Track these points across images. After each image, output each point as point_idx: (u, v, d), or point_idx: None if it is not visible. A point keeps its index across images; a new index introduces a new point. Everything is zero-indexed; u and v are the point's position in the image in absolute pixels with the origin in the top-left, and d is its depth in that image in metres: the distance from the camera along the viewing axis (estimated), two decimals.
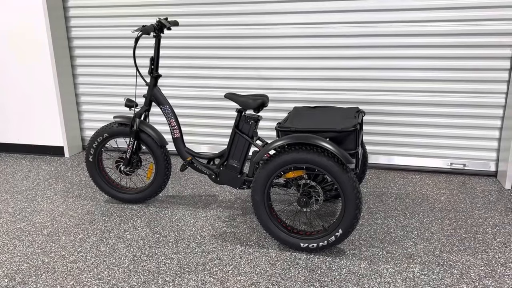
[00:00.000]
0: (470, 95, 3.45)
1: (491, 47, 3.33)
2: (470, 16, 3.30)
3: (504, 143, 3.38)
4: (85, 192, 3.38)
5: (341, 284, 2.18)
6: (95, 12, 4.07)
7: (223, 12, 3.77)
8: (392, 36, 3.48)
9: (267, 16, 3.68)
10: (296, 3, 3.59)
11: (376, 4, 3.43)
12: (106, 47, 4.15)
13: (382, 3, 3.41)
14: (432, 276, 2.23)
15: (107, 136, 3.01)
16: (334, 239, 2.38)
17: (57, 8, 4.01)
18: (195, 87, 4.03)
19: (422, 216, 2.88)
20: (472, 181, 3.47)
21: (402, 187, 3.38)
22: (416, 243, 2.54)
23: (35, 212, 3.07)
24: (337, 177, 2.28)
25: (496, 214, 2.89)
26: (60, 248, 2.58)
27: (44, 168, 3.96)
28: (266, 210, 2.47)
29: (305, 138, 2.31)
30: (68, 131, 4.24)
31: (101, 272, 2.33)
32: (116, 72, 4.19)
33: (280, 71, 3.79)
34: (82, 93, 4.34)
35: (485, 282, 2.18)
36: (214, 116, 4.07)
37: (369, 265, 2.33)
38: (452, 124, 3.54)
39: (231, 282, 2.22)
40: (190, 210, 3.05)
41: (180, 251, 2.52)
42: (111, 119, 4.36)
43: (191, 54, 3.95)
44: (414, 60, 3.48)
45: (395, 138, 3.69)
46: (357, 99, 3.66)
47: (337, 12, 3.53)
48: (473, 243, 2.54)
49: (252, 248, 2.54)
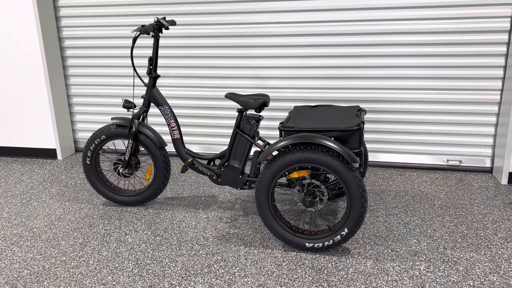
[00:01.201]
0: (466, 92, 3.49)
1: (486, 44, 3.36)
2: (465, 14, 3.33)
3: (499, 139, 3.42)
4: (81, 195, 3.32)
5: (349, 284, 2.18)
6: (86, 11, 3.99)
7: (219, 11, 3.74)
8: (386, 34, 3.49)
9: (264, 15, 3.66)
10: (293, 1, 3.57)
11: (369, 2, 3.44)
12: (98, 47, 4.08)
13: (375, 1, 3.43)
14: (438, 273, 2.24)
15: (104, 138, 2.95)
16: (339, 238, 2.37)
17: (47, 7, 3.93)
18: (191, 87, 3.99)
19: (423, 213, 2.90)
20: (468, 177, 3.50)
21: (401, 184, 3.40)
22: (419, 241, 2.56)
23: (32, 216, 3.00)
24: (343, 176, 2.28)
25: (495, 210, 2.93)
26: (60, 253, 2.53)
27: (37, 171, 3.88)
28: (271, 211, 2.46)
29: (310, 137, 2.30)
30: (60, 133, 4.16)
31: (105, 277, 2.28)
32: (109, 72, 4.12)
33: (278, 70, 3.77)
34: (74, 94, 4.27)
35: (490, 278, 2.20)
36: (210, 116, 4.03)
37: (375, 264, 2.34)
38: (448, 121, 3.57)
39: (238, 284, 2.20)
40: (190, 211, 3.01)
41: (184, 253, 2.49)
42: (104, 120, 4.29)
43: (186, 54, 3.91)
44: (409, 58, 3.50)
45: (392, 136, 3.71)
46: (353, 97, 3.67)
47: (331, 11, 3.53)
48: (475, 239, 2.57)
49: (256, 249, 2.52)
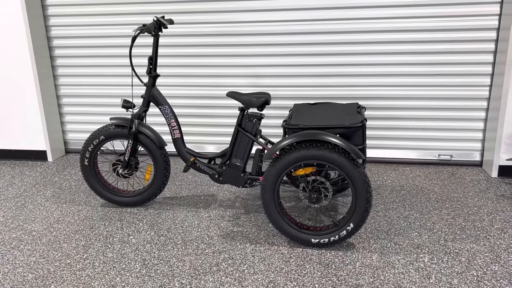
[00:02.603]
0: (456, 89, 3.58)
1: (475, 41, 3.46)
2: (455, 12, 3.41)
3: (489, 133, 3.53)
4: (78, 197, 3.28)
5: (357, 277, 2.22)
6: (75, 10, 3.92)
7: (215, 10, 3.74)
8: (377, 33, 3.55)
9: (262, 13, 3.67)
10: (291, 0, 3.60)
11: (362, 1, 3.49)
12: (87, 46, 4.02)
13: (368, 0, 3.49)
14: (442, 264, 2.31)
15: (103, 139, 2.92)
16: (345, 233, 2.41)
17: (35, 6, 3.85)
18: (188, 86, 3.97)
19: (421, 207, 2.97)
20: (460, 171, 3.60)
21: (396, 179, 3.47)
22: (420, 234, 2.62)
23: (29, 220, 2.94)
24: (349, 173, 2.32)
25: (488, 202, 3.02)
26: (64, 256, 2.49)
27: (28, 173, 3.80)
28: (277, 208, 2.48)
29: (316, 135, 2.33)
30: (50, 134, 4.08)
31: (113, 279, 2.26)
32: (99, 72, 4.07)
33: (276, 68, 3.79)
34: (63, 94, 4.19)
35: (492, 267, 2.27)
36: (207, 115, 4.02)
37: (381, 257, 2.39)
38: (439, 116, 3.67)
39: (249, 281, 2.22)
40: (191, 211, 3.01)
41: (190, 252, 2.49)
42: (95, 121, 4.23)
43: (181, 53, 3.89)
44: (400, 56, 3.57)
45: (384, 132, 3.78)
46: (345, 94, 3.72)
47: (324, 9, 3.57)
48: (473, 231, 2.65)
49: (262, 246, 2.54)
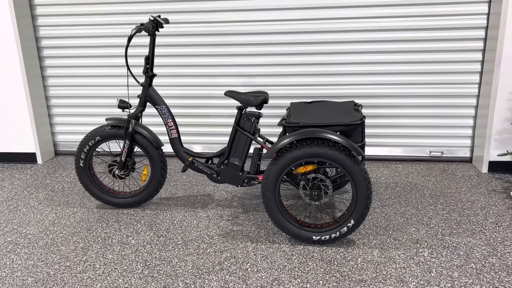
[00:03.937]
0: (445, 86, 3.65)
1: (464, 40, 3.53)
2: (445, 11, 3.48)
3: (479, 130, 3.61)
4: (72, 199, 3.23)
5: (360, 273, 2.25)
6: (63, 10, 3.86)
7: (210, 9, 3.73)
8: (367, 32, 3.60)
9: (260, 12, 3.68)
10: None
11: (352, 0, 3.54)
12: (76, 46, 3.96)
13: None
14: (442, 258, 2.35)
15: (99, 140, 2.88)
16: (346, 230, 2.44)
17: (23, 5, 3.78)
18: (183, 86, 3.95)
19: (416, 203, 3.02)
20: (451, 167, 3.68)
21: (389, 176, 3.52)
22: (418, 229, 2.67)
23: (23, 223, 2.89)
24: (349, 170, 2.34)
25: (481, 197, 3.09)
26: (63, 259, 2.45)
27: (18, 176, 3.73)
28: (278, 206, 2.49)
29: (317, 132, 2.35)
30: (40, 136, 4.01)
31: (115, 280, 2.24)
32: (88, 72, 4.01)
33: (271, 68, 3.80)
34: (52, 95, 4.12)
35: (490, 260, 2.33)
36: (203, 115, 4.01)
37: (381, 253, 2.42)
38: (429, 114, 3.73)
39: (253, 279, 2.22)
40: (189, 211, 3.00)
41: (191, 252, 2.48)
42: (84, 122, 4.17)
43: (175, 53, 3.87)
44: (390, 54, 3.63)
45: (375, 130, 3.83)
46: (337, 93, 3.76)
47: (316, 8, 3.60)
48: (469, 225, 2.71)
49: (264, 244, 2.55)
